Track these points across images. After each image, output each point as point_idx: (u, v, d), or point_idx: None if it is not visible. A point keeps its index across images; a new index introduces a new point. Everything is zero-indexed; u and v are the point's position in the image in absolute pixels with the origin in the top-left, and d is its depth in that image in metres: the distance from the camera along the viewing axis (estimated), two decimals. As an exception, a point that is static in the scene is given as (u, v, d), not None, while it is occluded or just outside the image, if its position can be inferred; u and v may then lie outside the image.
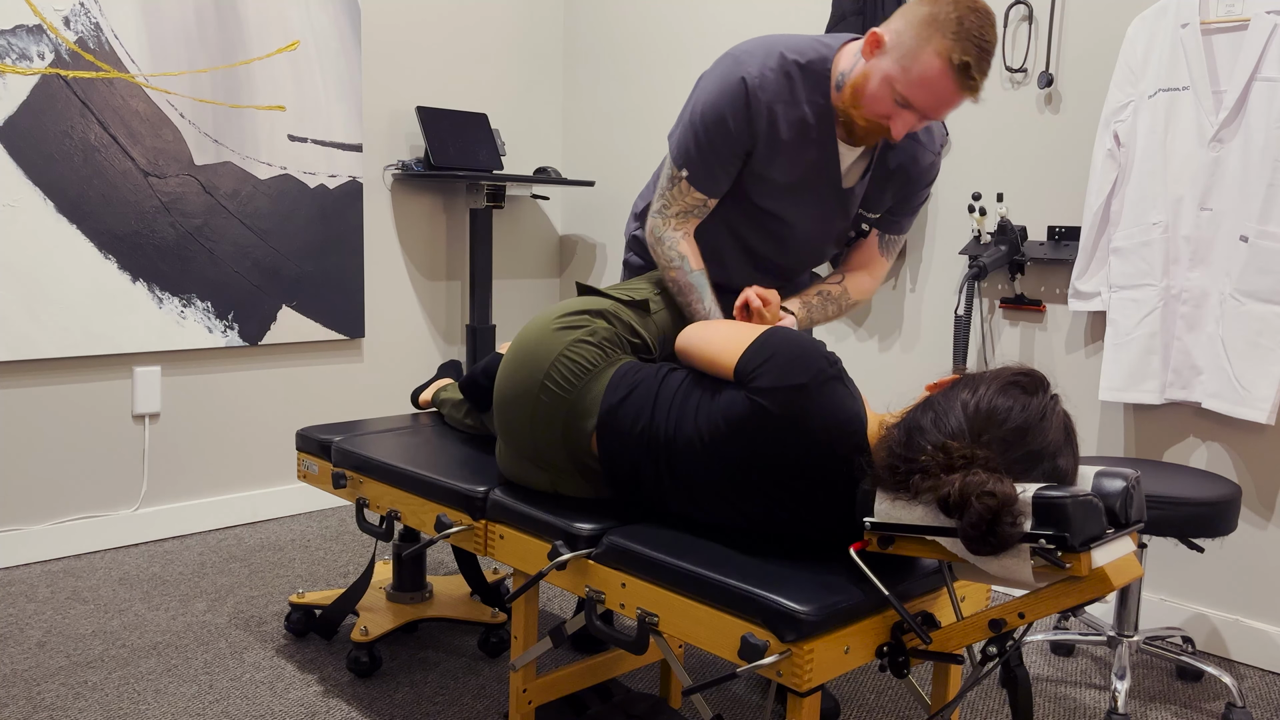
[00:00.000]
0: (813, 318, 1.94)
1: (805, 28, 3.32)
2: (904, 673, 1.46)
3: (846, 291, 1.97)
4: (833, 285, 1.96)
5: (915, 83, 1.66)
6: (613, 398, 1.66)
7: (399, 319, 3.71)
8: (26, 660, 2.29)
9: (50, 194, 2.83)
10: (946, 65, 1.63)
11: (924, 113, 1.70)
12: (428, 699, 2.17)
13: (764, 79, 1.75)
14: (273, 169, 3.27)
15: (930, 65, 1.63)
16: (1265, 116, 2.29)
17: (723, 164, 1.81)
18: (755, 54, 1.77)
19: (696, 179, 1.82)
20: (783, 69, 1.76)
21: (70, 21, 2.82)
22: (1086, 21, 2.70)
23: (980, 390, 1.36)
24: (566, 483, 1.76)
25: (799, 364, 1.49)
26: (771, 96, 1.76)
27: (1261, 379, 2.32)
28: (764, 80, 1.75)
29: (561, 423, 1.69)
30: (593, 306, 1.77)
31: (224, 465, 3.29)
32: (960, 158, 2.98)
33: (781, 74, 1.76)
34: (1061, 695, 2.33)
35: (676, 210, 1.85)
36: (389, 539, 2.13)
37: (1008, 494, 1.22)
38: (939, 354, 3.06)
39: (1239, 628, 2.52)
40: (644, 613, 1.53)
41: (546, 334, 1.72)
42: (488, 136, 3.71)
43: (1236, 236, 2.35)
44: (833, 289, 1.95)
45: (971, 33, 1.62)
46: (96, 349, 2.95)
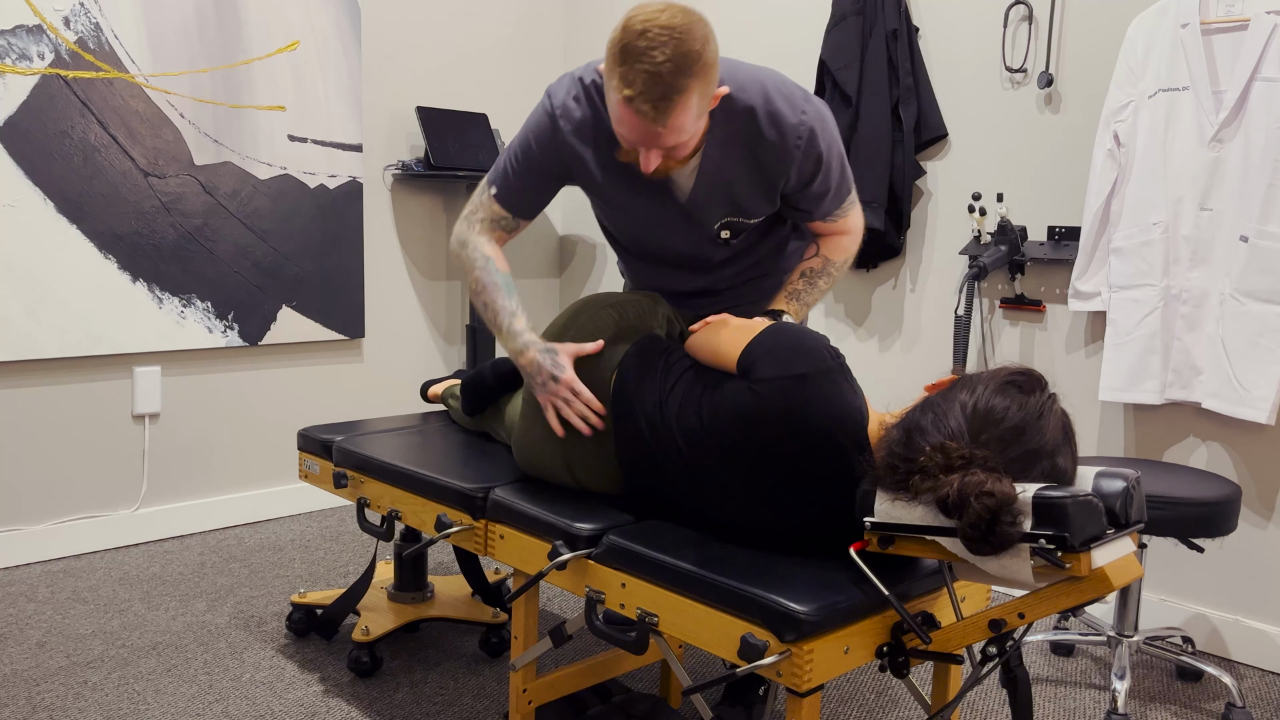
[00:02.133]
0: (806, 303, 1.90)
1: (805, 28, 3.32)
2: (904, 673, 1.46)
3: (828, 260, 1.91)
4: (811, 261, 1.91)
5: (616, 120, 1.59)
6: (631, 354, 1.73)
7: (399, 319, 3.71)
8: (26, 660, 2.29)
9: (50, 194, 2.83)
10: (623, 101, 1.54)
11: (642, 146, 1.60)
12: (428, 699, 2.17)
13: (566, 110, 1.76)
14: (273, 169, 3.27)
15: (614, 101, 1.57)
16: (1265, 116, 2.29)
17: (530, 188, 1.84)
18: (563, 84, 1.78)
19: (502, 197, 1.86)
20: (587, 97, 1.75)
21: (70, 21, 2.82)
22: (1086, 21, 2.70)
23: (978, 390, 1.36)
24: (582, 463, 1.76)
25: (801, 355, 1.49)
26: (576, 126, 1.76)
27: (1261, 379, 2.32)
28: (566, 111, 1.76)
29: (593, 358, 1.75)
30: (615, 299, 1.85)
31: (224, 465, 3.29)
32: (960, 158, 2.98)
33: (586, 102, 1.75)
34: (1061, 695, 2.33)
35: (482, 218, 1.88)
36: (390, 539, 2.13)
37: (1007, 494, 1.22)
38: (939, 354, 3.06)
39: (1239, 628, 2.52)
40: (644, 613, 1.53)
41: (580, 303, 1.83)
42: (488, 136, 3.71)
43: (1236, 236, 2.35)
44: (813, 264, 1.91)
45: (636, 58, 1.51)
46: (96, 349, 2.95)
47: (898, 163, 2.97)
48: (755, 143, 1.73)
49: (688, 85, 1.52)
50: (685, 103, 1.54)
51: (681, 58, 1.51)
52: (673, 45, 1.50)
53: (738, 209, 1.82)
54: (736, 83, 1.71)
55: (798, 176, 1.77)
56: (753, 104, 1.70)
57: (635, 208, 1.85)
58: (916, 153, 3.02)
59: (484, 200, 1.88)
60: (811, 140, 1.73)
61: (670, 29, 1.51)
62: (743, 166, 1.76)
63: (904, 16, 2.97)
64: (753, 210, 1.83)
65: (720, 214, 1.82)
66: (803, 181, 1.78)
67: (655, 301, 1.87)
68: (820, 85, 3.10)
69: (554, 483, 1.85)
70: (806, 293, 1.90)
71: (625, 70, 1.52)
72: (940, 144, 3.02)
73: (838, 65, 3.01)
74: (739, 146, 1.74)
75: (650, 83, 1.51)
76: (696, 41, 1.52)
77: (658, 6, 1.54)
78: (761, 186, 1.78)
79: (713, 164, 1.75)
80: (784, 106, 1.71)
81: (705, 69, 1.54)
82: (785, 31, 3.38)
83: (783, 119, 1.71)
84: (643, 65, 1.51)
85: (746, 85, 1.71)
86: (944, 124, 2.98)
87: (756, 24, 3.45)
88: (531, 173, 1.83)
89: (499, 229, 1.89)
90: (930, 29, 3.02)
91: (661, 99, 1.52)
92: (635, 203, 1.84)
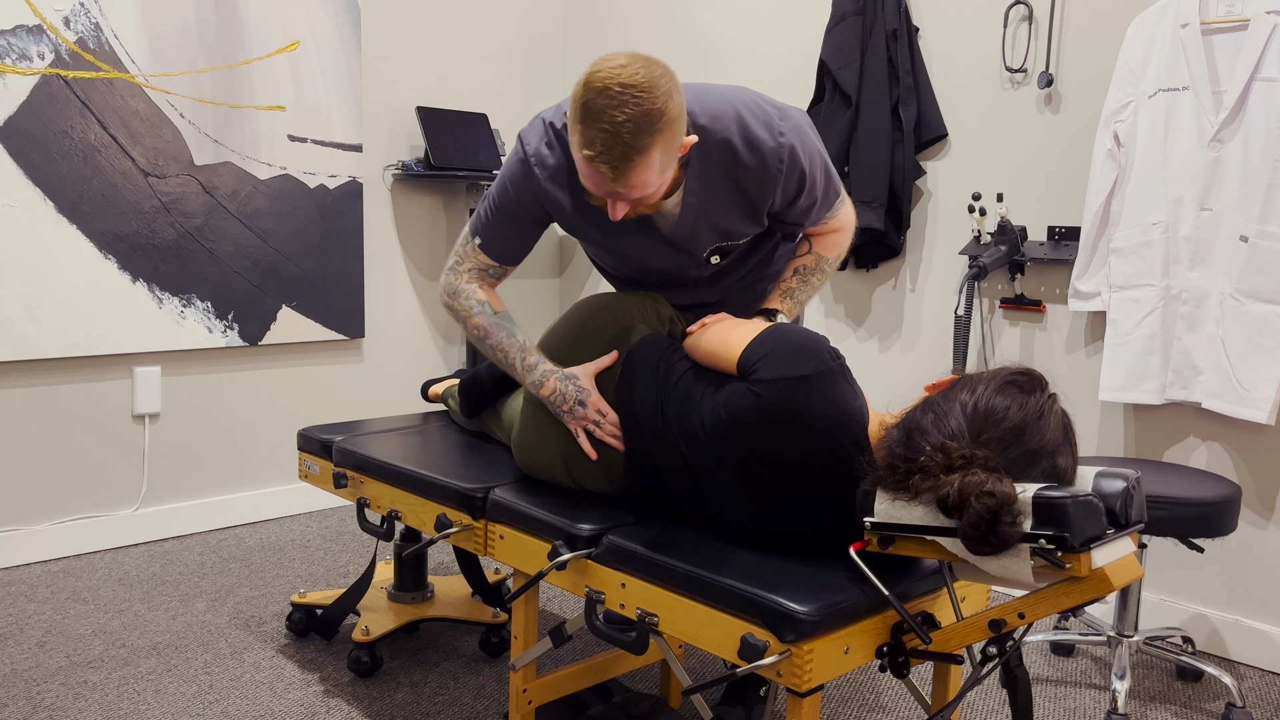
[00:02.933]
0: (800, 300, 1.90)
1: (805, 28, 3.32)
2: (904, 673, 1.46)
3: (820, 256, 1.90)
4: (805, 259, 1.90)
5: (581, 174, 1.57)
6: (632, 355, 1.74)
7: (399, 319, 3.71)
8: (26, 660, 2.29)
9: (50, 194, 2.83)
10: (584, 159, 1.53)
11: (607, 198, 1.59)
12: (428, 699, 2.17)
13: (540, 156, 1.75)
14: (273, 169, 3.27)
15: (577, 158, 1.55)
16: (1265, 116, 2.29)
17: (512, 235, 1.83)
18: (535, 129, 1.77)
19: (487, 247, 1.85)
20: (559, 141, 1.74)
21: (70, 21, 2.82)
22: (1086, 21, 2.70)
23: (979, 390, 1.36)
24: (582, 463, 1.76)
25: (801, 356, 1.49)
26: (551, 172, 1.75)
27: (1261, 379, 2.32)
28: (540, 158, 1.75)
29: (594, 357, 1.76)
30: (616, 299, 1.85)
31: (224, 465, 3.29)
32: (960, 158, 2.98)
33: (558, 146, 1.74)
34: (1061, 695, 2.33)
35: (469, 268, 1.87)
36: (390, 539, 2.13)
37: (1007, 494, 1.22)
38: (939, 354, 3.06)
39: (1239, 628, 2.52)
40: (644, 613, 1.53)
41: (581, 305, 1.84)
42: (488, 136, 3.71)
43: (1236, 236, 2.35)
44: (806, 261, 1.90)
45: (595, 118, 1.48)
46: (96, 349, 2.95)
47: (898, 163, 2.97)
48: (736, 171, 1.70)
49: (649, 145, 1.49)
50: (646, 161, 1.51)
51: (642, 117, 1.47)
52: (634, 105, 1.47)
53: (724, 235, 1.80)
54: (709, 113, 1.67)
55: (783, 196, 1.75)
56: (729, 134, 1.67)
57: (619, 246, 1.85)
58: (916, 153, 3.02)
59: (468, 251, 1.86)
60: (793, 159, 1.70)
61: (632, 88, 1.47)
62: (726, 195, 1.73)
63: (904, 16, 2.97)
64: (740, 234, 1.82)
65: (708, 242, 1.81)
66: (788, 199, 1.76)
67: (657, 302, 1.87)
68: (820, 85, 3.11)
69: (554, 483, 1.85)
70: (800, 290, 1.90)
71: (585, 129, 1.50)
72: (940, 144, 3.02)
73: (838, 65, 3.01)
74: (720, 177, 1.71)
75: (610, 143, 1.48)
76: (659, 99, 1.48)
77: (620, 62, 1.50)
78: (747, 211, 1.76)
79: (695, 197, 1.73)
80: (761, 132, 1.68)
81: (668, 125, 1.51)
82: (785, 31, 3.38)
83: (761, 145, 1.68)
84: (602, 124, 1.48)
85: (720, 115, 1.68)
86: (944, 124, 2.98)
87: (757, 24, 3.45)
88: (512, 219, 1.82)
89: (488, 278, 1.88)
90: (930, 29, 3.02)
91: (620, 159, 1.49)
92: (619, 241, 1.84)
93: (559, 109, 1.75)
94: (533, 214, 1.81)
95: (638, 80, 1.47)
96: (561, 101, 1.77)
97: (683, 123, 1.55)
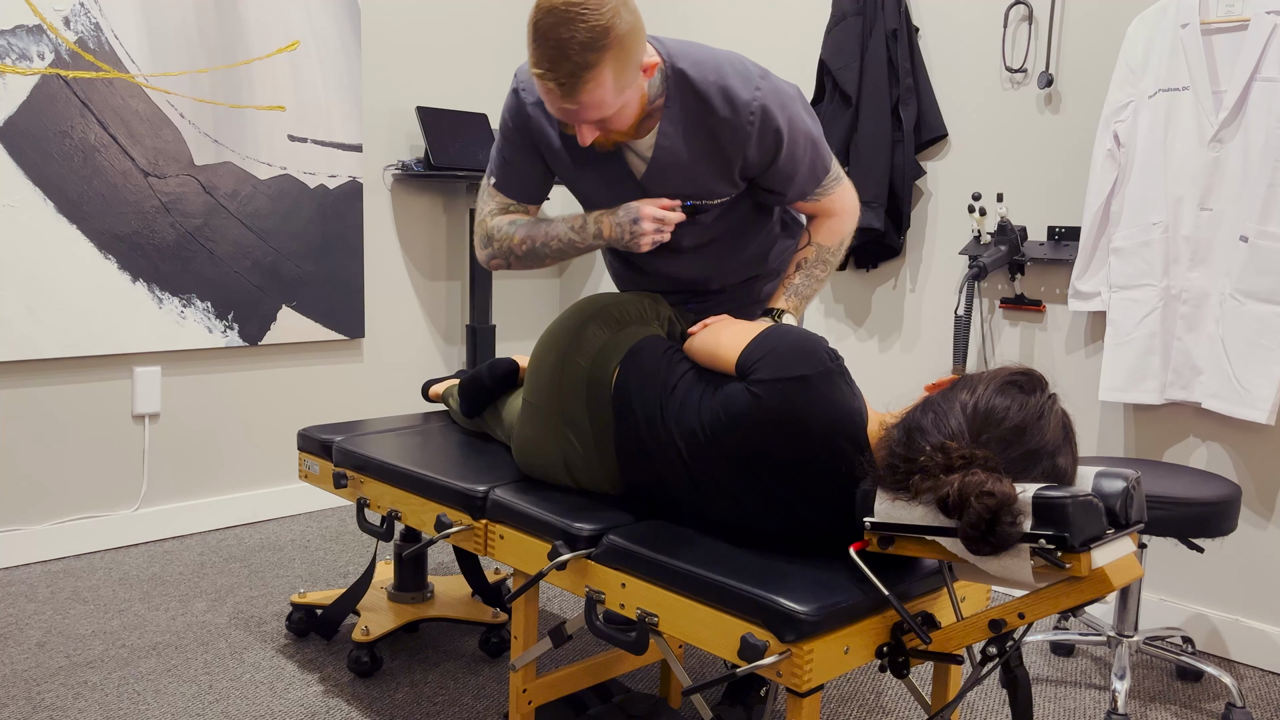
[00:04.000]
0: (805, 296, 1.90)
1: (805, 28, 3.32)
2: (904, 673, 1.46)
3: (820, 246, 1.90)
4: (805, 251, 1.90)
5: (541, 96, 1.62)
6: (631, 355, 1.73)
7: (399, 319, 3.71)
8: (26, 660, 2.29)
9: (50, 194, 2.83)
10: (536, 77, 1.57)
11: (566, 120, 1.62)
12: (428, 699, 2.17)
13: (528, 83, 1.79)
14: (273, 169, 3.27)
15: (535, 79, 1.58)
16: (1265, 116, 2.29)
17: (516, 168, 1.87)
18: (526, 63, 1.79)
19: (501, 185, 1.90)
20: None
21: (70, 21, 2.82)
22: (1086, 21, 2.70)
23: (979, 390, 1.36)
24: (581, 463, 1.76)
25: (800, 357, 1.49)
26: (537, 99, 1.78)
27: (1261, 379, 2.32)
28: (529, 85, 1.79)
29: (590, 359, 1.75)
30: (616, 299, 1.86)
31: (224, 465, 3.29)
32: (960, 158, 2.98)
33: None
34: (1061, 695, 2.33)
35: (490, 209, 1.92)
36: (390, 539, 2.13)
37: (1007, 494, 1.22)
38: (939, 354, 3.06)
39: (1239, 628, 2.52)
40: (644, 613, 1.53)
41: (581, 305, 1.84)
42: (488, 136, 3.71)
43: (1236, 236, 2.35)
44: (806, 254, 1.90)
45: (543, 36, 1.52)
46: (96, 349, 2.95)
47: (898, 163, 2.97)
48: (711, 120, 1.72)
49: (597, 60, 1.52)
50: (597, 78, 1.53)
51: (588, 32, 1.50)
52: (579, 21, 1.49)
53: (697, 187, 1.80)
54: (691, 59, 1.70)
55: (759, 154, 1.75)
56: (706, 82, 1.70)
57: (594, 187, 1.85)
58: (916, 153, 3.02)
59: (488, 192, 1.92)
60: (765, 117, 1.70)
61: (577, 5, 1.49)
62: (700, 145, 1.75)
63: (904, 16, 2.97)
64: (713, 192, 1.82)
65: (680, 192, 1.81)
66: (765, 160, 1.76)
67: (656, 302, 1.87)
68: (820, 85, 3.11)
69: (554, 483, 1.85)
70: (805, 285, 1.89)
71: (535, 48, 1.53)
72: (940, 144, 3.02)
73: (838, 65, 3.01)
74: (696, 124, 1.73)
75: (556, 60, 1.51)
76: (604, 15, 1.51)
77: None
78: (720, 166, 1.77)
79: (669, 141, 1.74)
80: (737, 83, 1.69)
81: (617, 42, 1.53)
82: (785, 31, 3.38)
83: (735, 95, 1.69)
84: (549, 42, 1.51)
85: (703, 62, 1.71)
86: (944, 124, 2.98)
87: (756, 24, 3.45)
88: (516, 151, 1.85)
89: (512, 212, 1.91)
90: (930, 29, 3.02)
91: (569, 76, 1.52)
92: (594, 181, 1.84)
93: None
94: (525, 148, 1.84)
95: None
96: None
97: (635, 41, 1.57)
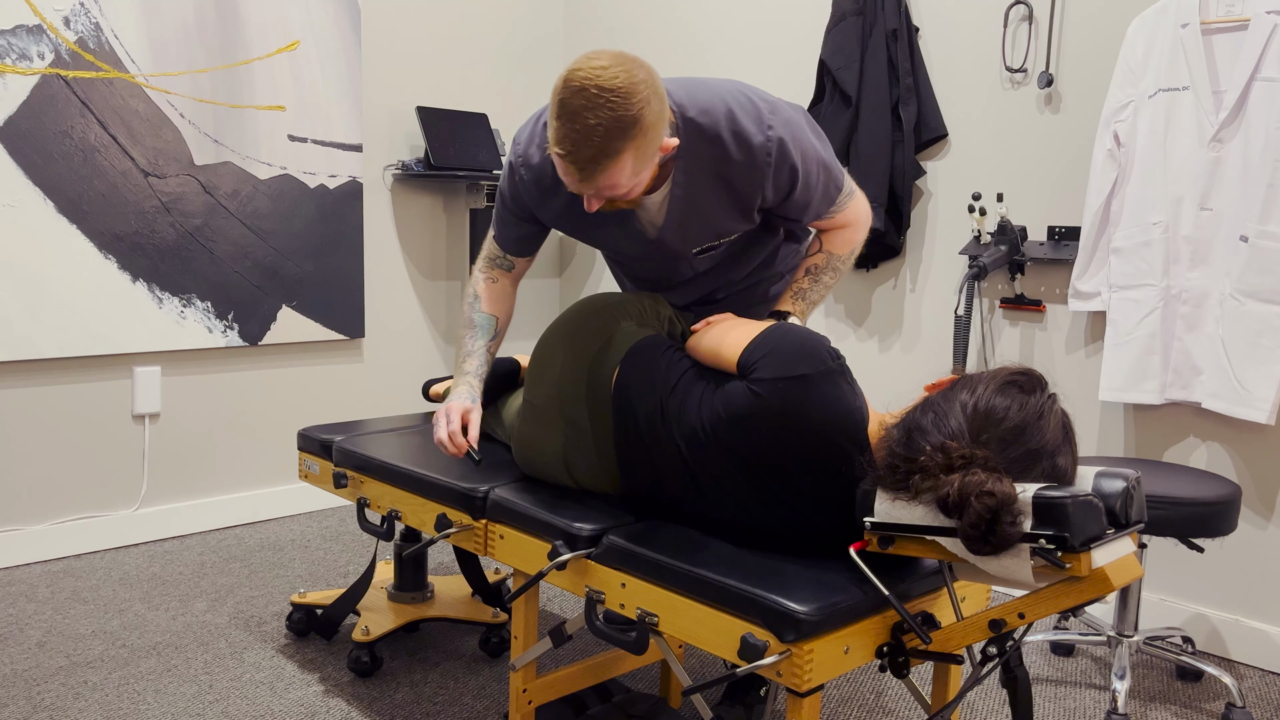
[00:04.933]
0: (812, 300, 1.90)
1: (805, 28, 3.32)
2: (904, 673, 1.46)
3: (831, 254, 1.90)
4: (815, 258, 1.90)
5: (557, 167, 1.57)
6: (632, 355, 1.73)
7: (399, 319, 3.71)
8: (26, 660, 2.29)
9: (50, 194, 2.83)
10: (555, 155, 1.53)
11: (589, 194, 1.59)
12: (428, 699, 2.17)
13: (526, 158, 1.78)
14: (273, 169, 3.27)
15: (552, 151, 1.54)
16: (1265, 116, 2.29)
17: (514, 227, 1.90)
18: (526, 128, 1.80)
19: (498, 237, 1.95)
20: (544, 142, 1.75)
21: (70, 21, 2.82)
22: (1086, 21, 2.70)
23: (979, 390, 1.36)
24: (582, 463, 1.76)
25: (801, 356, 1.49)
26: (536, 174, 1.78)
27: (1261, 379, 2.32)
28: (526, 159, 1.78)
29: (591, 358, 1.75)
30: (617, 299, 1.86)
31: (224, 465, 3.29)
32: (960, 158, 2.98)
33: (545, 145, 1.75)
34: (1061, 695, 2.33)
35: (486, 255, 1.97)
36: (390, 539, 2.13)
37: (1007, 494, 1.22)
38: (939, 354, 3.06)
39: (1239, 628, 2.52)
40: (644, 613, 1.53)
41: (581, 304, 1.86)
42: (488, 136, 3.71)
43: (1236, 236, 2.35)
44: (816, 260, 1.90)
45: (569, 118, 1.48)
46: (96, 349, 2.95)
47: (898, 163, 2.97)
48: (724, 166, 1.69)
49: (620, 149, 1.49)
50: (616, 166, 1.51)
51: (615, 123, 1.46)
52: (607, 109, 1.45)
53: (714, 232, 1.80)
54: (699, 107, 1.66)
55: (775, 192, 1.74)
56: (718, 129, 1.66)
57: (607, 243, 1.87)
58: (916, 153, 3.02)
59: (489, 238, 1.97)
60: (782, 154, 1.68)
61: (609, 92, 1.45)
62: (714, 192, 1.73)
63: (904, 16, 2.97)
64: (729, 231, 1.81)
65: (696, 239, 1.81)
66: (780, 195, 1.75)
67: (657, 302, 1.87)
68: (820, 85, 3.11)
69: (554, 483, 1.85)
70: (812, 290, 1.90)
71: (559, 126, 1.50)
72: (940, 144, 3.02)
73: (838, 65, 3.01)
74: (708, 172, 1.71)
75: (580, 145, 1.48)
76: (634, 105, 1.47)
77: (601, 63, 1.48)
78: (737, 207, 1.76)
79: (683, 191, 1.72)
80: (749, 125, 1.66)
81: (642, 132, 1.50)
82: (785, 31, 3.38)
83: (749, 138, 1.66)
84: (575, 126, 1.47)
85: (710, 108, 1.66)
86: (944, 124, 2.98)
87: (756, 24, 3.45)
88: (511, 216, 1.89)
89: (497, 267, 1.96)
90: (930, 29, 3.02)
91: (589, 162, 1.49)
92: (606, 239, 1.86)
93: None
94: (522, 212, 1.87)
95: (616, 84, 1.46)
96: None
97: (660, 128, 1.54)
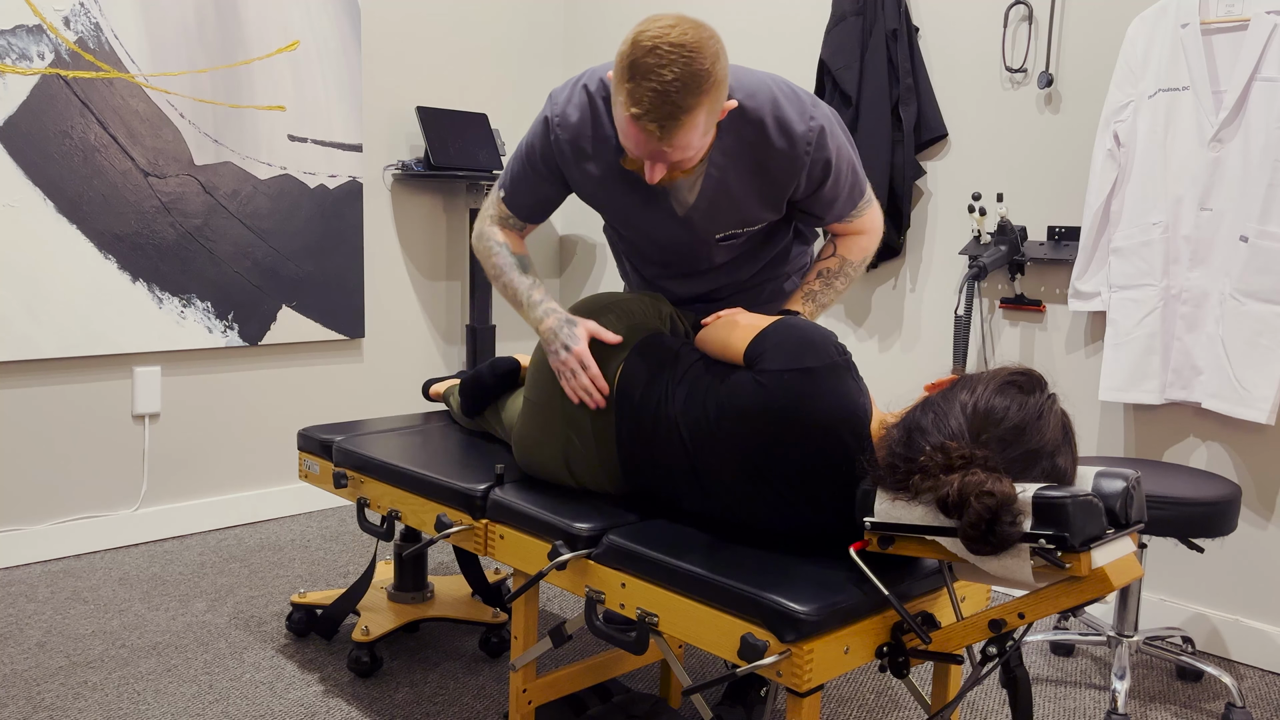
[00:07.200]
0: (822, 304, 1.90)
1: (805, 28, 3.32)
2: (904, 673, 1.46)
3: (845, 259, 1.91)
4: (828, 261, 1.91)
5: (622, 134, 1.58)
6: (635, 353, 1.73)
7: (399, 319, 3.71)
8: (26, 660, 2.29)
9: (50, 194, 2.83)
10: (629, 118, 1.53)
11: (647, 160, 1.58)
12: (428, 699, 2.17)
13: (564, 117, 1.76)
14: (273, 169, 3.27)
15: (621, 117, 1.55)
16: (1265, 116, 2.29)
17: (532, 191, 1.87)
18: (565, 89, 1.78)
19: (509, 200, 1.90)
20: (590, 104, 1.74)
21: (70, 21, 2.82)
22: (1086, 21, 2.70)
23: (978, 390, 1.36)
24: (582, 462, 1.76)
25: (808, 349, 1.50)
26: (573, 134, 1.76)
27: (1261, 379, 2.32)
28: (564, 119, 1.76)
29: (594, 355, 1.75)
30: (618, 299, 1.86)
31: (224, 465, 3.29)
32: (960, 158, 2.98)
33: (587, 109, 1.74)
34: (1061, 695, 2.33)
35: (493, 214, 1.94)
36: (390, 539, 2.13)
37: (1007, 494, 1.22)
38: (939, 354, 3.06)
39: (1239, 628, 2.52)
40: (644, 613, 1.53)
41: (582, 304, 1.85)
42: (488, 136, 3.71)
43: (1236, 236, 2.35)
44: (830, 264, 1.91)
45: (643, 76, 1.49)
46: (96, 349, 2.95)
47: (898, 163, 2.97)
48: (764, 152, 1.71)
49: (696, 104, 1.51)
50: (692, 121, 1.53)
51: (691, 77, 1.49)
52: (682, 64, 1.48)
53: (741, 220, 1.81)
54: (745, 90, 1.69)
55: (807, 182, 1.76)
56: (762, 113, 1.69)
57: (632, 217, 1.86)
58: (916, 153, 3.02)
59: (494, 200, 1.93)
60: (820, 146, 1.71)
61: (681, 47, 1.49)
62: (749, 177, 1.74)
63: (904, 16, 2.97)
64: (756, 220, 1.82)
65: (722, 225, 1.81)
66: (812, 187, 1.77)
67: (658, 301, 1.87)
68: (820, 85, 3.10)
69: (554, 482, 1.85)
70: (823, 293, 1.91)
71: (633, 87, 1.51)
72: (940, 144, 3.02)
73: (838, 65, 3.01)
74: (747, 157, 1.72)
75: (657, 101, 1.50)
76: (706, 60, 1.50)
77: (668, 22, 1.52)
78: (769, 196, 1.77)
79: (718, 172, 1.73)
80: (792, 113, 1.69)
81: (715, 87, 1.53)
82: (785, 31, 3.38)
83: (791, 126, 1.69)
84: (651, 83, 1.49)
85: (755, 93, 1.69)
86: (944, 124, 2.98)
87: (756, 24, 3.45)
88: (532, 176, 1.85)
89: (508, 226, 1.93)
90: (930, 29, 3.02)
91: (668, 118, 1.51)
92: (632, 213, 1.84)
93: (593, 73, 1.75)
94: (551, 173, 1.84)
95: (686, 40, 1.49)
96: (597, 68, 1.77)
97: (725, 86, 1.57)
